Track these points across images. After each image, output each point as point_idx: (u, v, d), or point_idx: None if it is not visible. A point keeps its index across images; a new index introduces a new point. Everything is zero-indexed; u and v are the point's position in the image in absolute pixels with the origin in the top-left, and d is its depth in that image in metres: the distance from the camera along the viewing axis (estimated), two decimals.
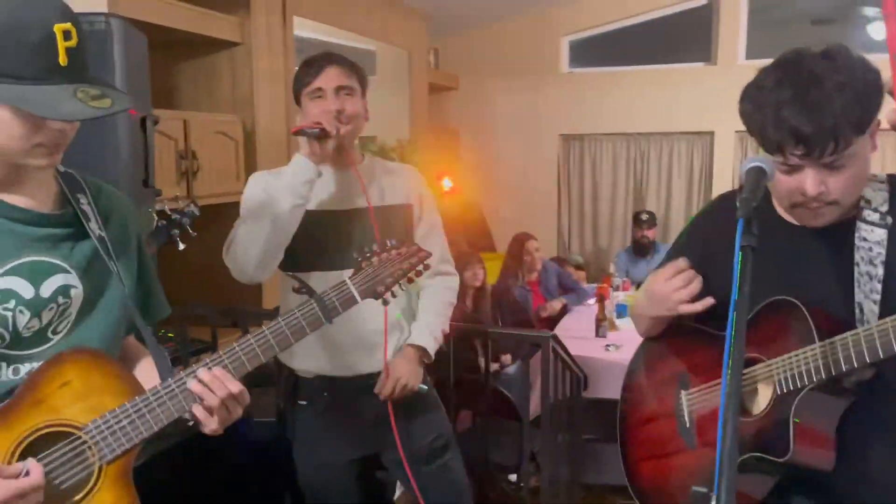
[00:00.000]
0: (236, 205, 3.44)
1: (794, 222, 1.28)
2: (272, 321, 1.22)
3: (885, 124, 1.18)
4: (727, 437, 0.88)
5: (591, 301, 4.81)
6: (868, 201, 1.23)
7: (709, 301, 1.31)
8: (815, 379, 1.16)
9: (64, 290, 1.13)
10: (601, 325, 4.07)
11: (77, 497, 1.09)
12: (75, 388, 1.10)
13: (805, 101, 1.11)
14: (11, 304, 1.08)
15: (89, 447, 1.10)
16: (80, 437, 1.10)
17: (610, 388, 3.43)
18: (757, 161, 1.16)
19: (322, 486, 2.04)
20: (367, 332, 1.91)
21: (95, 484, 1.09)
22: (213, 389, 1.13)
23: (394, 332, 1.96)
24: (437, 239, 2.06)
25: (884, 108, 1.17)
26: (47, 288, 1.11)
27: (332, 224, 1.93)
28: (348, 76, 1.90)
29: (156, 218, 2.17)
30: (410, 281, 1.35)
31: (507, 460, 3.25)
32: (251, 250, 1.80)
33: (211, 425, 1.16)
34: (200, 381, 1.14)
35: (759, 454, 1.21)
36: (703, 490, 0.88)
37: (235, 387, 1.15)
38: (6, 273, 1.08)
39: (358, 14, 4.58)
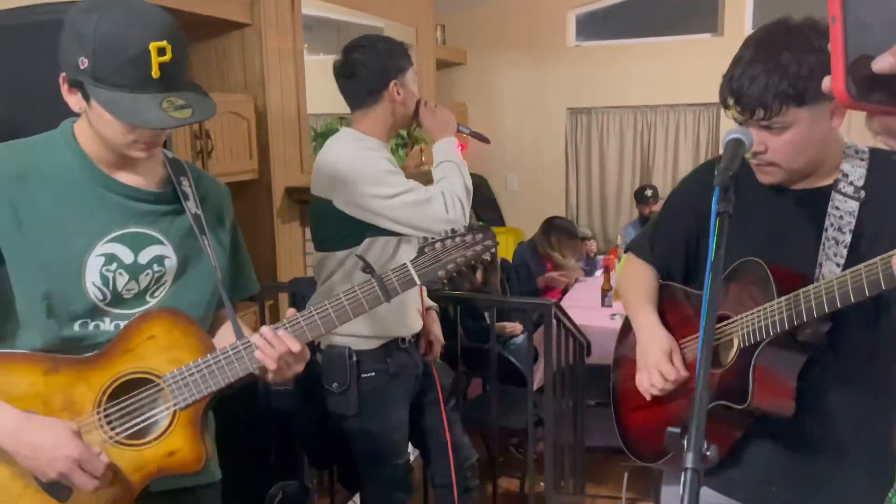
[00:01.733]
0: (251, 182, 3.58)
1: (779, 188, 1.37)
2: (333, 298, 1.32)
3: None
4: (699, 385, 0.97)
5: (599, 272, 4.90)
6: (846, 175, 1.31)
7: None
8: (773, 332, 1.25)
9: (159, 260, 1.29)
10: (607, 294, 4.16)
11: (155, 434, 1.25)
12: (159, 342, 1.25)
13: (752, 66, 1.22)
14: (113, 266, 1.25)
15: (166, 394, 1.25)
16: (159, 385, 1.25)
17: None
18: (737, 133, 1.24)
19: (398, 444, 2.19)
20: (414, 297, 2.18)
21: (170, 426, 1.25)
22: (273, 345, 1.27)
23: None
24: None
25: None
26: (144, 256, 1.28)
27: None
28: None
29: None
30: (473, 270, 1.42)
31: (515, 424, 3.37)
32: (461, 201, 1.95)
33: (270, 376, 1.30)
34: (263, 336, 1.27)
35: (723, 402, 1.31)
36: (677, 431, 0.97)
37: (295, 345, 1.28)
38: (112, 240, 1.25)
39: None
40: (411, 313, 2.17)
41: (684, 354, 1.46)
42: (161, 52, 1.14)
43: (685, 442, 0.93)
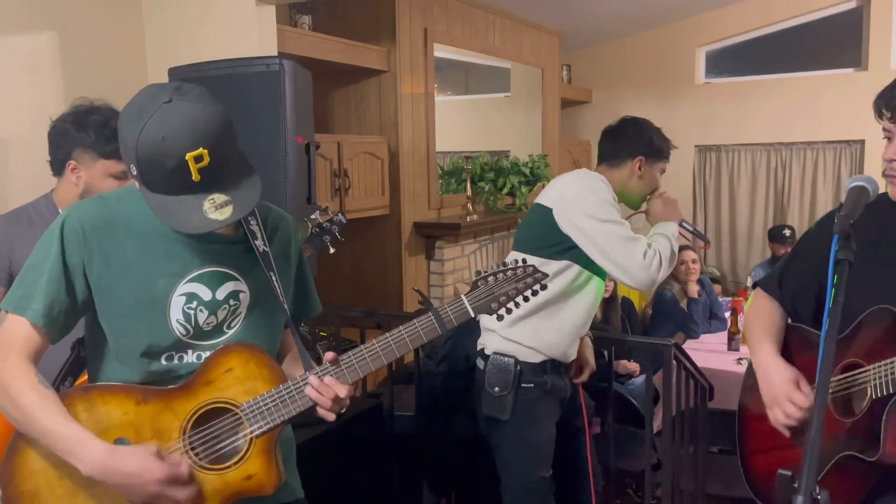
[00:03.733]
0: (383, 218, 3.80)
1: None
2: (394, 329, 1.39)
3: None
4: (814, 428, 0.98)
5: (727, 314, 4.73)
6: None
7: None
8: None
9: (234, 294, 1.40)
10: (734, 338, 4.02)
11: (234, 460, 1.35)
12: (236, 374, 1.35)
13: None
14: (194, 304, 1.36)
15: (243, 422, 1.35)
16: (237, 414, 1.35)
17: None
18: (861, 180, 1.25)
19: (547, 456, 2.29)
20: (583, 329, 2.32)
21: (247, 452, 1.35)
22: (322, 394, 1.35)
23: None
24: None
25: None
26: (222, 292, 1.38)
27: None
28: None
29: (311, 227, 2.51)
30: (526, 299, 1.46)
31: (633, 467, 3.32)
32: (662, 259, 2.16)
33: (326, 417, 1.38)
34: (313, 387, 1.35)
35: (852, 453, 1.28)
36: (788, 473, 0.98)
37: (342, 391, 1.35)
38: (191, 280, 1.37)
39: (493, 38, 4.82)
40: (575, 343, 2.31)
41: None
42: (198, 159, 1.21)
43: (796, 485, 0.94)
